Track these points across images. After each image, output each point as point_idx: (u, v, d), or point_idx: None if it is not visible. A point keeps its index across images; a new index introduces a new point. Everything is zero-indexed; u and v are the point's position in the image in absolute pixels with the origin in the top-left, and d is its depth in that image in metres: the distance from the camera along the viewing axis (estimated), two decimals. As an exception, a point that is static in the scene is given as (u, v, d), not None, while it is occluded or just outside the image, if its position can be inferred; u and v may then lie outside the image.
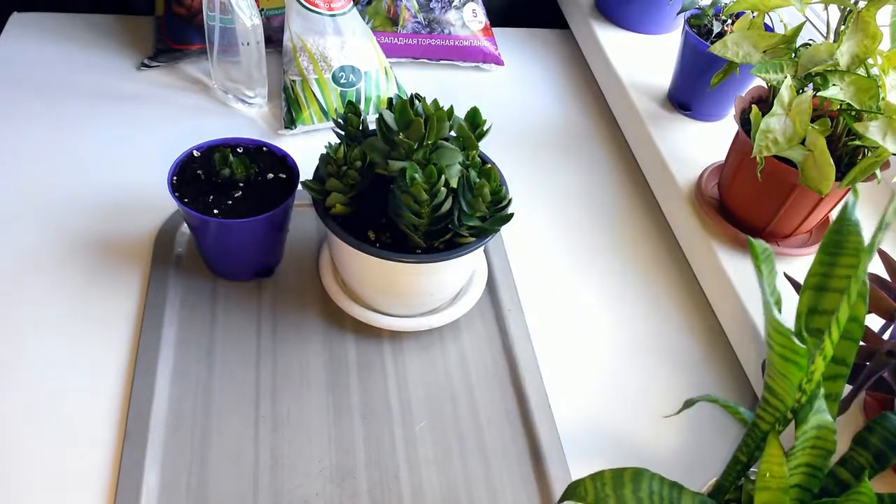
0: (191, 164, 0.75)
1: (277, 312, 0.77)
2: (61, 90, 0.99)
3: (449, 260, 0.68)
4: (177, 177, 0.74)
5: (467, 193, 0.66)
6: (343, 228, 0.67)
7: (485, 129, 0.70)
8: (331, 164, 0.67)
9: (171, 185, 0.72)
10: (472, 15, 1.13)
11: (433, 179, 0.64)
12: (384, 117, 0.67)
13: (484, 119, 0.70)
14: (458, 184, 0.66)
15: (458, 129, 0.69)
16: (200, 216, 0.70)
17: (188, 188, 0.73)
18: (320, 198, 0.69)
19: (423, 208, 0.64)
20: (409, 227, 0.67)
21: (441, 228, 0.67)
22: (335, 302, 0.77)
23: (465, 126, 0.69)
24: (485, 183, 0.65)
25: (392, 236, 0.70)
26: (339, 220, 0.68)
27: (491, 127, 0.70)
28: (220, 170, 0.73)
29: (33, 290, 0.76)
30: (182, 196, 0.72)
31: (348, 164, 0.67)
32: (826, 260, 0.53)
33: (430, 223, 0.66)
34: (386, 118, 0.67)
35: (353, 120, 0.71)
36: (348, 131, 0.72)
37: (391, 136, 0.66)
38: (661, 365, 0.79)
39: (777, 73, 0.69)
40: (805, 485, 0.48)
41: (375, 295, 0.74)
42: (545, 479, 0.67)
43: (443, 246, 0.69)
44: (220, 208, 0.72)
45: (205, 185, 0.74)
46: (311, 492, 0.65)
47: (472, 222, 0.66)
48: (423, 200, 0.64)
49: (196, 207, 0.71)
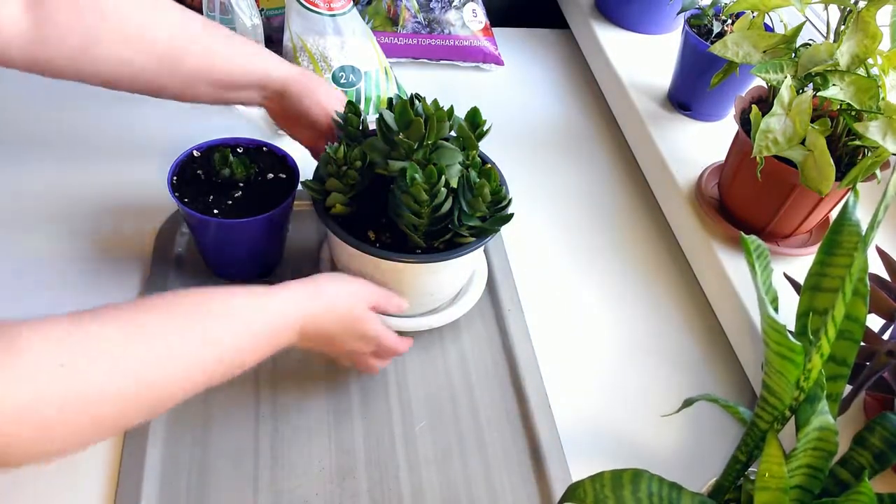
0: (191, 164, 0.75)
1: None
2: (61, 90, 0.99)
3: (449, 260, 0.68)
4: (177, 177, 0.73)
5: (467, 193, 0.66)
6: (343, 228, 0.67)
7: (485, 129, 0.70)
8: (331, 163, 0.67)
9: (171, 186, 0.72)
10: (472, 15, 1.13)
11: (433, 179, 0.63)
12: (384, 117, 0.67)
13: (484, 119, 0.70)
14: (458, 184, 0.66)
15: (458, 129, 0.69)
16: (200, 216, 0.70)
17: (188, 188, 0.73)
18: (320, 198, 0.68)
19: (423, 208, 0.64)
20: (409, 227, 0.67)
21: (441, 228, 0.67)
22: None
23: (465, 126, 0.69)
24: (485, 183, 0.65)
25: (392, 236, 0.70)
26: (339, 220, 0.68)
27: (491, 127, 0.70)
28: (219, 170, 0.73)
29: (33, 290, 0.76)
30: (182, 196, 0.72)
31: (348, 164, 0.67)
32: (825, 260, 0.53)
33: (431, 223, 0.66)
34: (386, 118, 0.66)
35: (353, 120, 0.71)
36: (348, 131, 0.71)
37: (391, 136, 0.66)
38: (661, 365, 0.79)
39: (777, 73, 0.69)
40: (806, 485, 0.48)
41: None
42: (545, 479, 0.67)
43: (443, 246, 0.69)
44: (220, 208, 0.72)
45: (205, 185, 0.73)
46: (311, 492, 0.65)
47: (473, 222, 0.66)
48: (423, 200, 0.64)
49: (196, 207, 0.71)
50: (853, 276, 0.45)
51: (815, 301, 0.53)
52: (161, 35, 0.66)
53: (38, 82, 0.99)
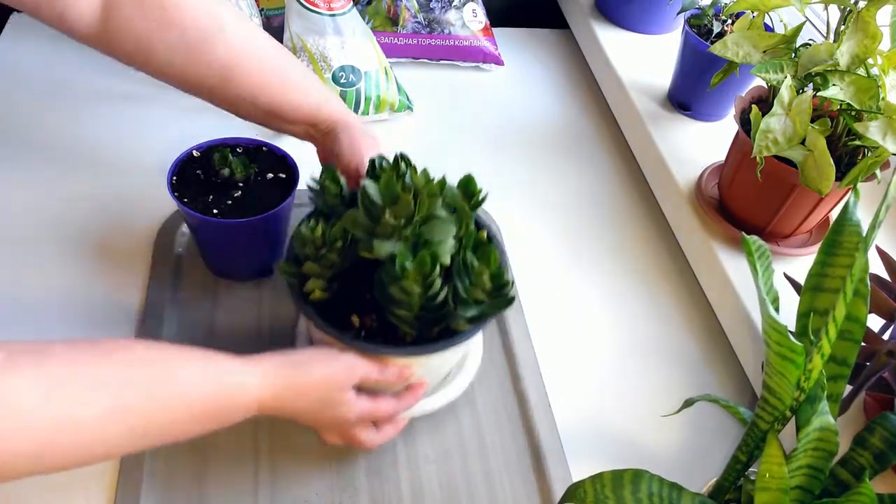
0: (190, 164, 0.75)
1: (277, 313, 0.77)
2: (61, 90, 0.99)
3: (443, 351, 0.60)
4: (176, 177, 0.73)
5: (464, 278, 0.58)
6: (324, 311, 0.59)
7: (480, 198, 0.62)
8: (308, 245, 0.59)
9: (171, 186, 0.72)
10: (472, 15, 1.13)
11: (427, 269, 0.55)
12: (368, 191, 0.57)
13: (479, 188, 0.62)
14: (454, 263, 0.58)
15: (450, 200, 0.61)
16: (200, 216, 0.70)
17: (188, 188, 0.73)
18: (296, 282, 0.60)
19: (415, 299, 0.56)
20: (399, 319, 0.59)
21: (435, 318, 0.59)
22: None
23: (458, 196, 0.61)
24: (484, 269, 0.57)
25: (378, 319, 0.62)
26: (319, 306, 0.60)
27: (487, 195, 0.63)
28: (219, 169, 0.73)
29: (33, 290, 0.76)
30: (181, 196, 0.72)
31: (328, 246, 0.59)
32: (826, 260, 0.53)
33: (423, 312, 0.58)
34: (370, 191, 0.57)
35: (331, 188, 0.63)
36: (326, 201, 0.63)
37: (375, 212, 0.57)
38: (661, 365, 0.79)
39: (777, 73, 0.69)
40: (806, 486, 0.48)
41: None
42: (545, 479, 0.67)
43: (435, 332, 0.61)
44: (219, 208, 0.71)
45: (204, 184, 0.73)
46: (311, 492, 0.64)
47: (470, 312, 0.58)
48: (416, 293, 0.56)
49: (195, 207, 0.71)
50: (854, 276, 0.45)
51: (815, 301, 0.53)
52: (218, 54, 0.66)
53: (38, 82, 1.00)
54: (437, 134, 1.02)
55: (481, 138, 1.02)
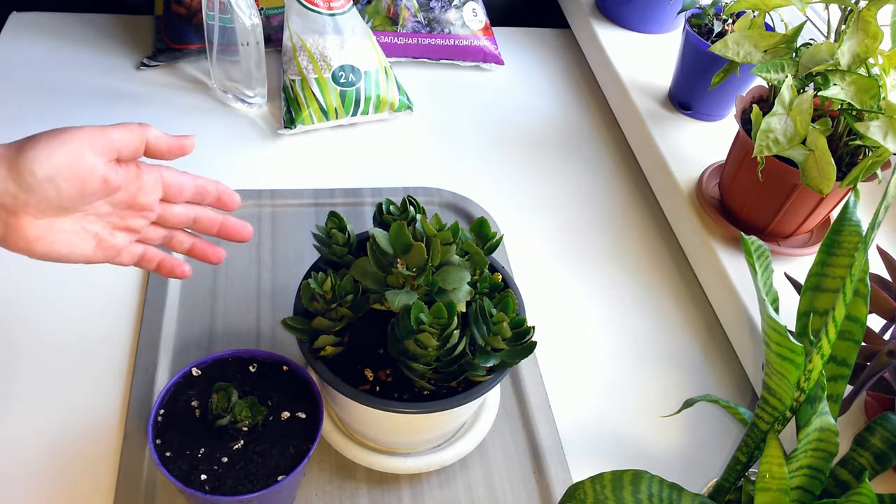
0: (186, 390, 0.58)
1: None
2: (61, 90, 0.99)
3: (463, 405, 0.57)
4: (164, 410, 0.56)
5: (482, 326, 0.55)
6: (335, 367, 0.57)
7: (495, 241, 0.60)
8: (317, 300, 0.56)
9: (154, 426, 0.55)
10: (472, 14, 1.13)
11: (443, 320, 0.52)
12: (377, 240, 0.54)
13: (494, 231, 0.61)
14: (470, 311, 0.56)
15: (465, 246, 0.59)
16: (181, 485, 0.53)
17: (174, 431, 0.56)
18: (306, 339, 0.57)
19: (432, 353, 0.54)
20: (415, 373, 0.56)
21: (453, 371, 0.56)
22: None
23: (473, 242, 0.59)
24: (503, 316, 0.54)
25: (393, 373, 0.59)
26: (330, 361, 0.57)
27: (502, 237, 0.63)
28: (218, 412, 0.56)
29: (32, 290, 0.76)
30: (164, 446, 0.55)
31: (338, 301, 0.56)
32: (826, 260, 0.53)
33: (440, 365, 0.56)
34: (379, 240, 0.54)
35: (338, 237, 0.59)
36: (333, 250, 0.60)
37: (386, 262, 0.55)
38: (661, 365, 0.79)
39: (778, 72, 0.69)
40: (806, 486, 0.47)
41: (378, 436, 0.65)
42: (545, 479, 0.67)
43: (453, 384, 0.59)
44: (209, 471, 0.54)
45: (198, 426, 0.57)
46: (311, 492, 0.64)
47: (490, 362, 0.55)
48: (433, 345, 0.53)
49: (179, 468, 0.54)
50: (854, 276, 0.45)
51: (815, 301, 0.53)
52: None
53: (38, 82, 1.00)
54: (437, 134, 1.02)
55: (481, 138, 1.02)
